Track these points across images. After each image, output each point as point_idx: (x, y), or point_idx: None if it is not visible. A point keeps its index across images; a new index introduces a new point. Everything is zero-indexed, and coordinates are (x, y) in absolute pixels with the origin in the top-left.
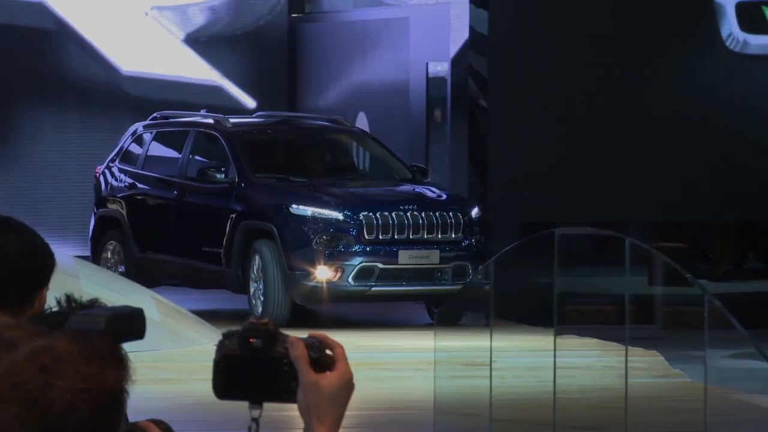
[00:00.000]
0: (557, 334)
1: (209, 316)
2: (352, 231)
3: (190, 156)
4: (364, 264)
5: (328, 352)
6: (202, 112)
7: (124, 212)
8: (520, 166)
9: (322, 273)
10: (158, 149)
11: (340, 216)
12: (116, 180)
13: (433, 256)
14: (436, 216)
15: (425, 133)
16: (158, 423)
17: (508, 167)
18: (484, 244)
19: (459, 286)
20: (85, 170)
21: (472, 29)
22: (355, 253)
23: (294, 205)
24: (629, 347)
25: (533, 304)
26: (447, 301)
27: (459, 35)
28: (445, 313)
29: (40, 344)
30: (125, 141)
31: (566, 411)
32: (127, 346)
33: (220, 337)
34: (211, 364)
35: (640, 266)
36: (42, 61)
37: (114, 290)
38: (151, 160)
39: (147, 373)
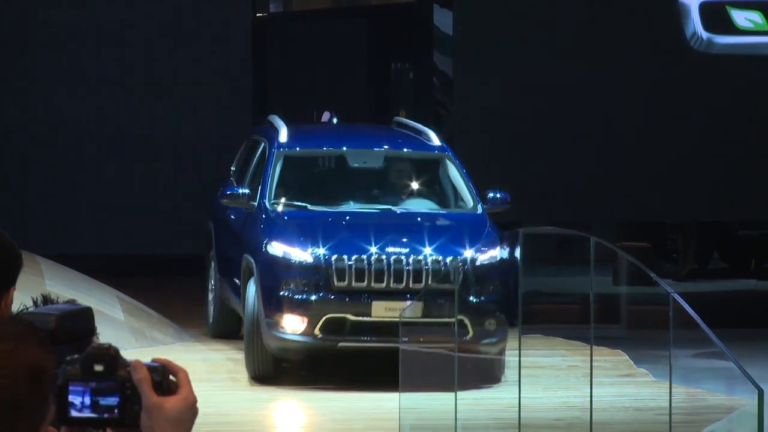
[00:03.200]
0: (522, 333)
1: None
2: (321, 276)
3: (253, 171)
4: (330, 315)
5: (171, 378)
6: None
7: (213, 230)
8: (484, 166)
9: (288, 323)
10: (246, 162)
11: (309, 258)
12: (218, 194)
13: (415, 309)
14: (426, 261)
15: None
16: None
17: (473, 167)
18: (493, 295)
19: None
20: None
21: (436, 29)
22: (323, 303)
23: (273, 242)
24: (594, 346)
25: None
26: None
27: (423, 35)
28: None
29: None
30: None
31: (531, 411)
32: None
33: (175, 341)
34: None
35: (605, 265)
36: None
37: (79, 290)
38: (238, 174)
39: None
